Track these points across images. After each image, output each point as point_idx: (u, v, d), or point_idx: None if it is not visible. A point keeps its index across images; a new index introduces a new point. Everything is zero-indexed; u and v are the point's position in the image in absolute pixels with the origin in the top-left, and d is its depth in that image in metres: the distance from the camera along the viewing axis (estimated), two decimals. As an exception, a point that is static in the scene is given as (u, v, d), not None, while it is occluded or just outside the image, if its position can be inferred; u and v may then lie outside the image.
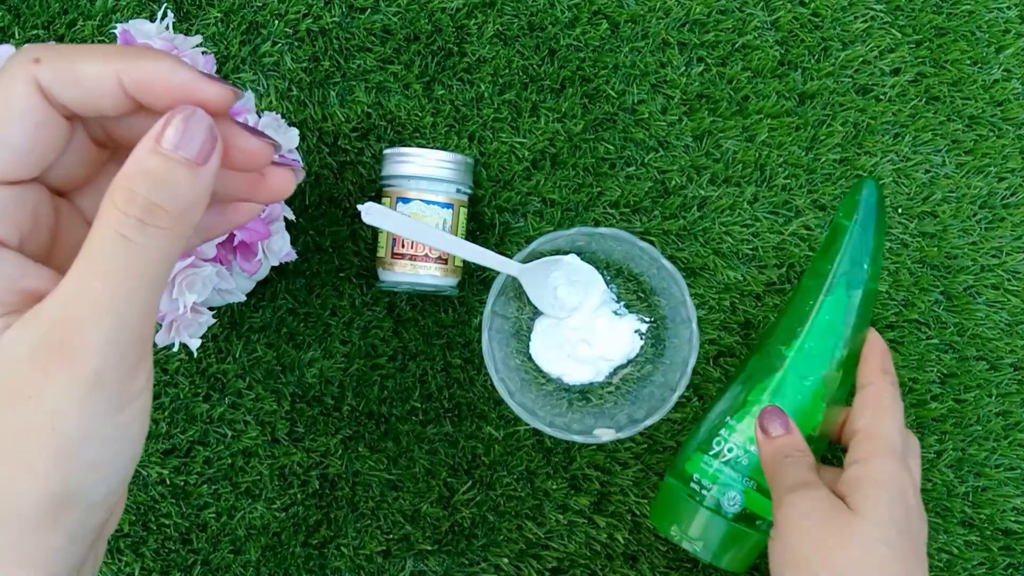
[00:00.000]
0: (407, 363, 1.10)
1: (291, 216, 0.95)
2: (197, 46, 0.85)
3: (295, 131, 0.90)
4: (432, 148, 1.08)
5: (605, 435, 0.99)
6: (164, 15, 0.85)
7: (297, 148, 0.92)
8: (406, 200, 1.03)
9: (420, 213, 1.02)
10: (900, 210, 1.12)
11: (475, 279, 1.11)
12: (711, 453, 0.97)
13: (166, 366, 1.09)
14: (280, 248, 0.92)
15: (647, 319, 1.08)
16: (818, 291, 0.97)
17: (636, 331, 1.08)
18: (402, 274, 1.04)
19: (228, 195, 0.54)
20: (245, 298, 0.96)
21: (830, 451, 1.09)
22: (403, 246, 1.03)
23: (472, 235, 1.11)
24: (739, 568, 0.98)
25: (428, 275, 1.04)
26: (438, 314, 1.11)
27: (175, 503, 1.09)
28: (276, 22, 1.11)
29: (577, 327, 1.06)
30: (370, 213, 0.83)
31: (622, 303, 1.09)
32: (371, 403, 1.10)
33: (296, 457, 1.09)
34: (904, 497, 0.81)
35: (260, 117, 0.87)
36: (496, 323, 1.03)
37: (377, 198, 1.10)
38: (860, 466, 0.83)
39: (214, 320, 0.91)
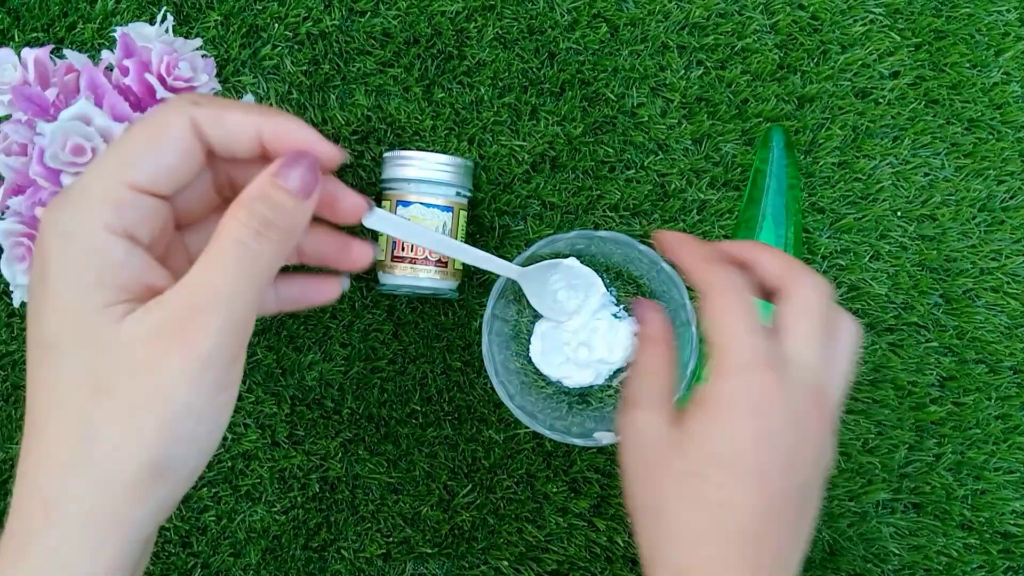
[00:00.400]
0: (407, 366, 1.11)
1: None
2: (197, 49, 0.85)
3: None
4: (432, 151, 1.08)
5: (605, 438, 0.99)
6: (164, 18, 0.85)
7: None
8: (406, 203, 1.03)
9: (420, 216, 1.03)
10: (899, 213, 1.13)
11: (475, 282, 1.11)
12: None
13: (166, 369, 1.10)
14: (280, 252, 0.93)
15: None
16: (752, 232, 1.08)
17: (636, 334, 1.08)
18: (402, 277, 1.04)
19: (317, 256, 0.70)
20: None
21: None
22: (403, 249, 1.03)
23: (472, 238, 1.11)
24: None
25: (428, 278, 1.04)
26: (438, 317, 1.11)
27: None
28: (276, 25, 1.11)
29: (577, 330, 1.06)
30: (372, 217, 0.83)
31: (622, 306, 1.09)
32: (371, 406, 1.10)
33: (296, 460, 1.10)
34: (752, 415, 0.68)
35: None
36: (496, 326, 1.03)
37: (377, 201, 1.10)
38: (702, 387, 0.70)
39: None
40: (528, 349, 1.08)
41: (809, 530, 0.71)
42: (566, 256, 1.06)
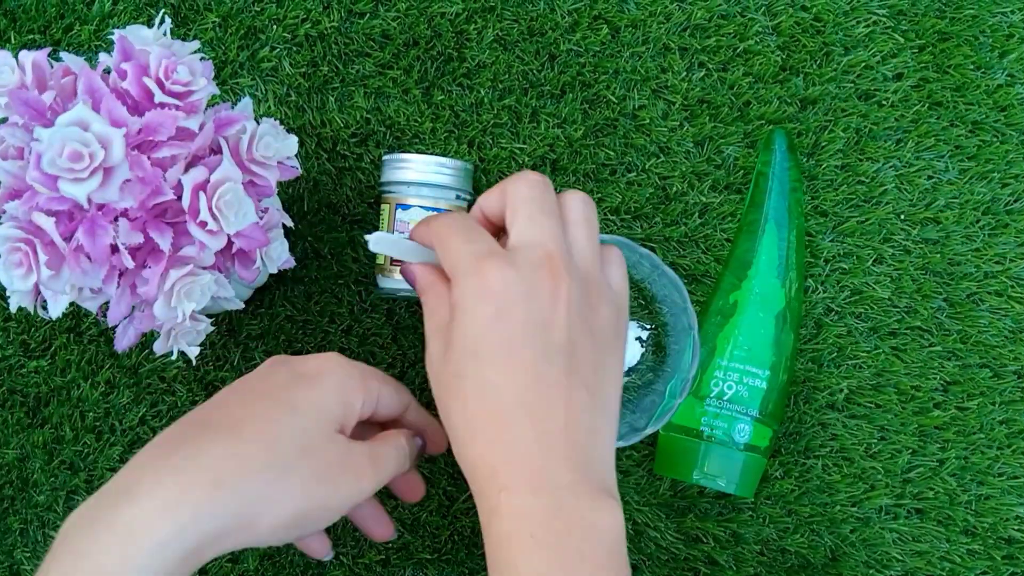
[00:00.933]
0: (406, 370, 1.10)
1: (289, 223, 0.95)
2: (195, 52, 0.85)
3: (294, 138, 0.90)
4: (431, 154, 1.08)
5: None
6: (162, 20, 0.85)
7: (296, 155, 0.91)
8: (405, 206, 1.03)
9: (419, 219, 1.02)
10: (902, 216, 1.12)
11: (475, 286, 1.11)
12: (712, 395, 1.06)
13: (163, 374, 1.10)
14: (278, 255, 0.92)
15: (648, 326, 1.08)
16: (754, 235, 1.09)
17: (637, 338, 1.08)
18: (401, 281, 1.04)
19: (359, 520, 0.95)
20: (243, 305, 0.96)
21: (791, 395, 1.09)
22: (402, 253, 1.03)
23: (472, 242, 1.11)
24: (750, 493, 1.07)
25: (427, 282, 1.04)
26: (437, 321, 1.11)
27: (173, 511, 1.09)
28: (274, 27, 1.11)
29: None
30: (379, 243, 0.84)
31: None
32: (370, 411, 1.10)
33: (294, 465, 1.10)
34: (480, 303, 0.74)
35: (258, 123, 0.88)
36: None
37: (376, 204, 1.10)
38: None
39: (212, 328, 0.91)
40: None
41: (603, 372, 0.78)
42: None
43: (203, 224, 0.80)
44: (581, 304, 0.76)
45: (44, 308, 0.84)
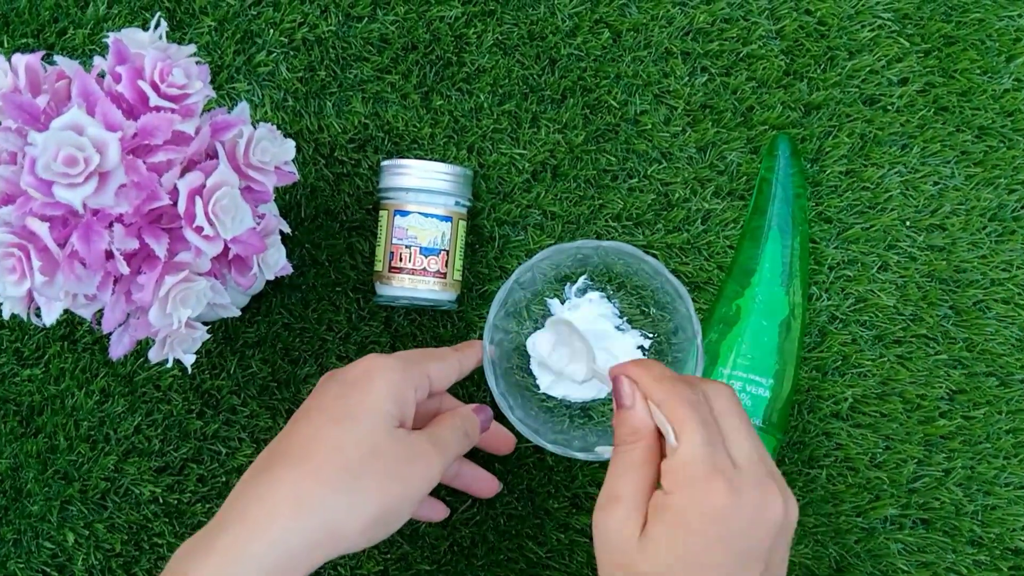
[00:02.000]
0: (405, 379, 1.10)
1: (287, 229, 0.94)
2: (191, 56, 0.85)
3: (291, 142, 0.89)
4: (430, 160, 1.08)
5: (607, 452, 0.99)
6: (157, 24, 0.84)
7: (293, 160, 0.91)
8: (404, 213, 1.03)
9: (418, 226, 1.03)
10: (908, 223, 1.12)
11: (474, 293, 1.11)
12: None
13: (159, 382, 1.10)
14: (275, 262, 0.92)
15: (650, 335, 1.08)
16: (758, 242, 1.09)
17: (639, 347, 1.08)
18: (400, 288, 1.04)
19: (463, 485, 1.05)
20: (240, 313, 0.96)
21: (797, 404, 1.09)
22: (401, 259, 1.03)
23: (471, 248, 1.11)
24: None
25: (427, 289, 1.04)
26: (436, 329, 1.11)
27: (168, 522, 1.09)
28: (271, 31, 1.11)
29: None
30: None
31: (624, 318, 1.09)
32: (368, 420, 1.10)
33: (291, 475, 1.09)
34: (709, 522, 0.77)
35: (255, 128, 0.87)
36: (497, 338, 1.03)
37: (374, 211, 1.10)
38: (662, 496, 0.79)
39: (208, 335, 0.90)
40: (529, 362, 1.08)
41: None
42: (574, 271, 1.06)
43: (199, 229, 0.80)
44: (784, 530, 0.79)
45: (38, 315, 0.83)
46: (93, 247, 0.77)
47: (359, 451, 0.82)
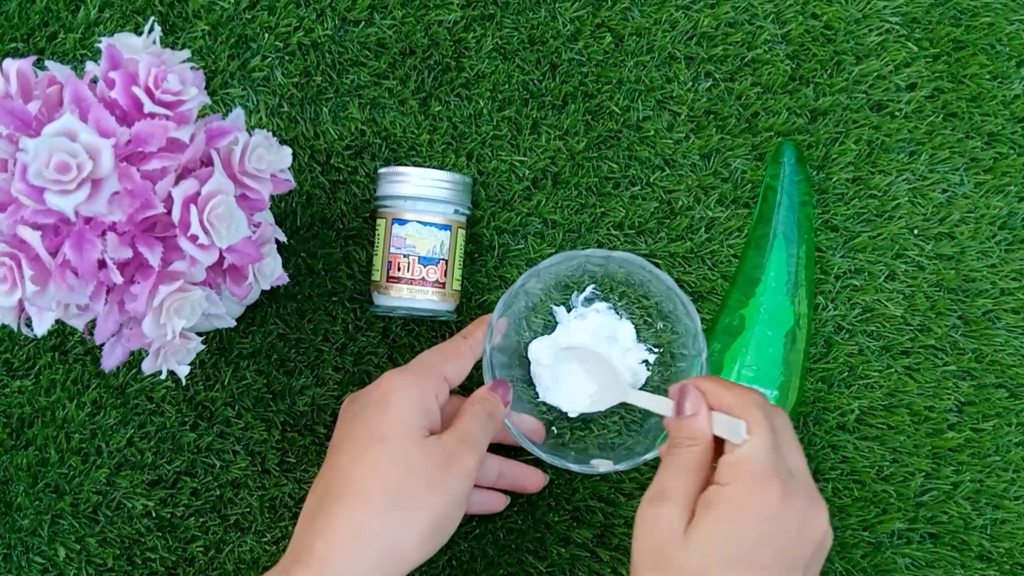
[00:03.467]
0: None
1: (282, 238, 0.94)
2: (185, 61, 0.85)
3: (287, 149, 0.89)
4: (429, 167, 1.08)
5: (602, 466, 0.99)
6: (151, 29, 0.84)
7: (289, 167, 0.91)
8: (402, 221, 1.03)
9: (416, 235, 1.02)
10: (916, 231, 1.12)
11: (473, 303, 1.11)
12: None
13: (151, 394, 1.09)
14: (271, 271, 0.92)
15: (655, 349, 1.08)
16: (763, 251, 1.10)
17: (643, 361, 1.08)
18: (398, 298, 1.04)
19: (507, 483, 1.09)
20: (235, 323, 0.95)
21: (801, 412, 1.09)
22: (399, 269, 1.03)
23: (471, 258, 1.11)
24: None
25: (425, 299, 1.04)
26: (435, 340, 1.11)
27: (161, 536, 1.09)
28: (266, 35, 1.11)
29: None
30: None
31: (633, 328, 1.08)
32: (365, 432, 1.09)
33: (287, 488, 1.09)
34: (762, 521, 0.80)
35: (250, 135, 0.87)
36: (497, 349, 1.03)
37: (372, 219, 1.10)
38: (716, 489, 0.82)
39: (202, 346, 0.90)
40: (529, 372, 1.08)
41: None
42: (582, 281, 1.06)
43: (194, 238, 0.79)
44: (820, 560, 0.84)
45: (28, 325, 0.83)
46: (85, 256, 0.77)
47: (397, 470, 0.88)
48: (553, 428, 1.08)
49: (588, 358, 1.03)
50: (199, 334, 1.04)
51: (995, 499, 1.11)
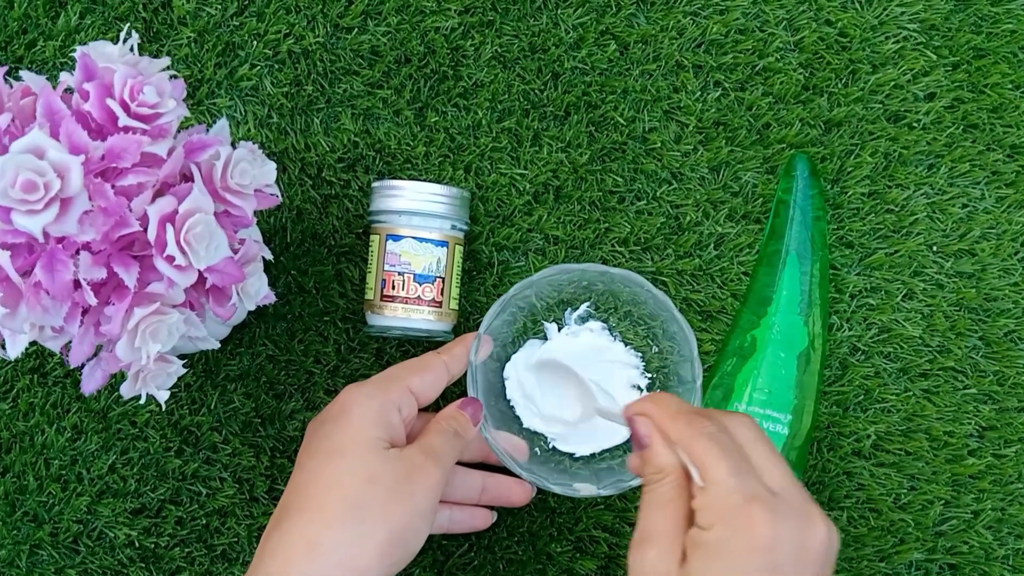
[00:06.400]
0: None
1: (268, 256, 0.93)
2: (164, 69, 0.83)
3: (272, 164, 0.88)
4: (425, 180, 1.07)
5: (584, 489, 0.99)
6: (128, 36, 0.83)
7: (277, 181, 0.90)
8: (397, 237, 1.02)
9: (411, 251, 1.01)
10: (935, 248, 1.11)
11: (471, 323, 1.10)
12: None
13: (134, 418, 1.08)
14: (256, 291, 0.91)
15: (649, 375, 1.07)
16: (774, 268, 1.10)
17: (635, 386, 1.07)
18: (393, 318, 1.03)
19: (492, 498, 1.07)
20: (220, 344, 0.95)
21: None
22: (394, 287, 1.02)
23: (468, 275, 1.10)
24: None
25: (421, 319, 1.03)
26: (431, 361, 1.10)
27: (145, 567, 1.08)
28: (255, 43, 1.10)
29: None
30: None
31: (629, 349, 1.07)
32: (358, 458, 1.09)
33: (276, 517, 1.08)
34: (744, 562, 0.77)
35: (235, 148, 0.86)
36: (480, 372, 1.02)
37: (365, 235, 1.09)
38: (700, 532, 0.79)
39: (185, 369, 0.90)
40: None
41: None
42: (581, 297, 1.05)
43: (170, 259, 0.78)
44: (829, 570, 0.81)
45: (2, 348, 0.82)
46: (57, 277, 0.76)
47: (356, 482, 0.89)
48: (536, 449, 1.06)
49: (560, 374, 1.03)
50: (183, 356, 1.03)
51: (1018, 528, 1.10)
